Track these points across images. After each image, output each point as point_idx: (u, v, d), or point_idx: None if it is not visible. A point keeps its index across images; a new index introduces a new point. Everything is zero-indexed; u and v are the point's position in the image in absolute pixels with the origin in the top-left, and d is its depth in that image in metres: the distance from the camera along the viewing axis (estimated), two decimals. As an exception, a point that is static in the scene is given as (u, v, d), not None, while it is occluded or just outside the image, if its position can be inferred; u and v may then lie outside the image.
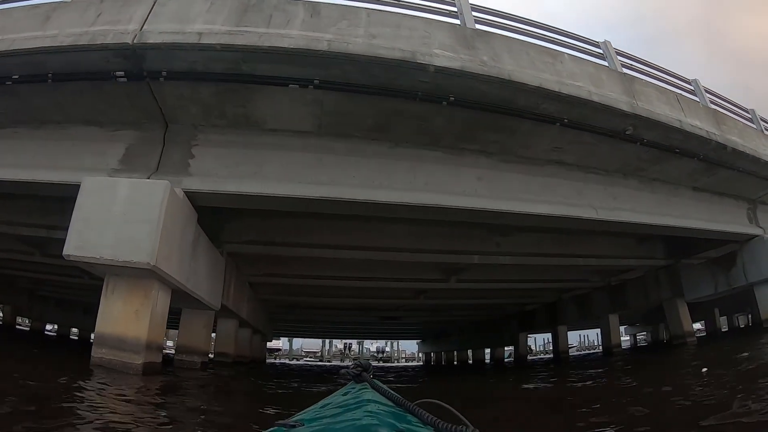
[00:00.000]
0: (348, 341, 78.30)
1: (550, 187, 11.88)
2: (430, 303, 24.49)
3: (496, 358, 34.97)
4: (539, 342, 68.10)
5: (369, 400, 1.81)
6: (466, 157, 11.09)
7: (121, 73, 8.67)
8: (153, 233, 8.05)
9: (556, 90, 9.65)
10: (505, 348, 36.33)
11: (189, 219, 9.71)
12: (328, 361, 69.76)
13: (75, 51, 8.37)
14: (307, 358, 75.36)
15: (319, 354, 79.08)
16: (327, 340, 77.87)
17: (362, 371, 2.37)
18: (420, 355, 67.07)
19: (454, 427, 1.41)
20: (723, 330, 29.27)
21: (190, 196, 9.58)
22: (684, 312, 19.23)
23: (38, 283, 25.08)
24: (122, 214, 8.28)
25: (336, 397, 2.22)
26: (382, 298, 23.36)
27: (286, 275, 18.14)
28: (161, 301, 8.84)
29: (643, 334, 55.51)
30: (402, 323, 34.80)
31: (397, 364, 63.83)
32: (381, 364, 61.94)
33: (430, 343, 52.61)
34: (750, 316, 32.54)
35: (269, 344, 70.95)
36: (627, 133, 11.10)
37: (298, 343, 79.89)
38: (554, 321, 26.85)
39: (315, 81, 8.70)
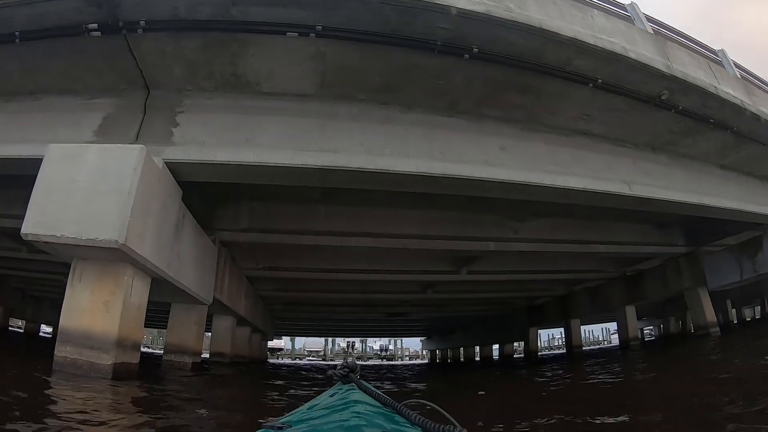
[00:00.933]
0: (351, 340, 76.75)
1: (580, 159, 10.61)
2: (437, 297, 23.02)
3: (505, 355, 33.43)
4: (543, 338, 66.62)
5: (356, 401, 1.80)
6: (486, 125, 9.70)
7: (95, 26, 7.21)
8: (123, 206, 6.57)
9: (591, 43, 8.38)
10: (515, 344, 35.01)
11: (171, 195, 8.24)
12: (331, 360, 68.34)
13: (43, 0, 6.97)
14: (310, 358, 73.64)
15: (321, 353, 77.43)
16: (330, 339, 76.23)
17: (349, 372, 2.29)
18: (424, 352, 65.49)
19: (441, 426, 1.39)
20: (734, 322, 27.77)
21: (173, 168, 8.13)
22: (706, 302, 17.93)
23: (29, 281, 23.62)
24: (89, 184, 6.80)
25: (323, 399, 2.14)
26: (388, 292, 21.91)
27: (286, 268, 16.70)
28: (137, 290, 7.37)
29: (650, 329, 54.57)
30: (407, 320, 33.29)
31: (400, 362, 62.37)
32: (384, 362, 60.71)
33: (435, 340, 50.99)
34: (761, 307, 31.69)
35: (270, 343, 69.93)
36: (662, 98, 9.92)
37: (301, 342, 78.31)
38: (566, 314, 25.42)
39: (317, 28, 7.24)
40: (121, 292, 6.84)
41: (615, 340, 58.17)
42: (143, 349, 11.40)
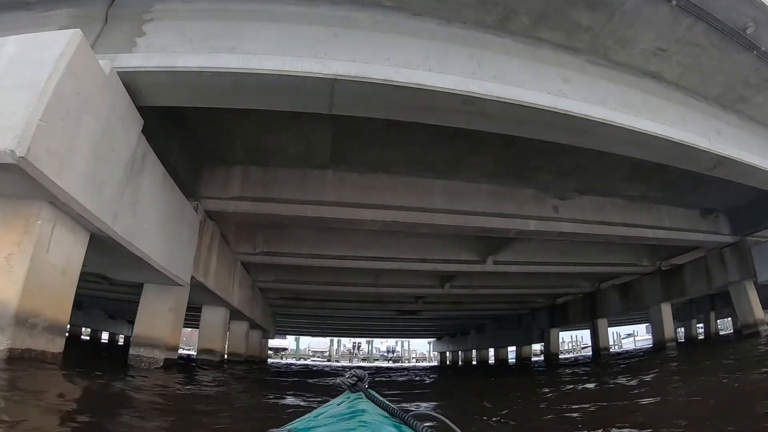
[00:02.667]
0: (356, 340, 74.16)
1: (652, 106, 8.41)
2: (455, 293, 20.52)
3: (522, 357, 30.70)
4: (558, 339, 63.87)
5: (364, 410, 1.74)
6: (544, 51, 7.33)
7: None
8: (32, 105, 4.17)
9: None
10: (533, 346, 32.47)
11: (123, 120, 5.83)
12: (336, 361, 65.78)
13: None
14: (315, 358, 71.03)
15: (326, 353, 74.85)
16: (335, 340, 73.62)
17: (357, 381, 2.19)
18: (434, 354, 62.59)
19: None
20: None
21: (130, 83, 5.81)
22: (754, 297, 15.80)
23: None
24: (-1, 79, 4.46)
25: (330, 407, 2.07)
26: (401, 286, 19.41)
27: (288, 254, 14.29)
28: (62, 246, 5.00)
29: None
30: (419, 319, 30.62)
31: (408, 364, 59.44)
32: (392, 364, 58.06)
33: (446, 341, 47.85)
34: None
35: (274, 343, 67.26)
36: (747, 32, 7.93)
37: (305, 342, 75.62)
38: (593, 314, 22.84)
39: None
40: (30, 244, 4.44)
41: (627, 344, 56.05)
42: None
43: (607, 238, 13.65)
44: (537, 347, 35.55)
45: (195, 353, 14.20)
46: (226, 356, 18.53)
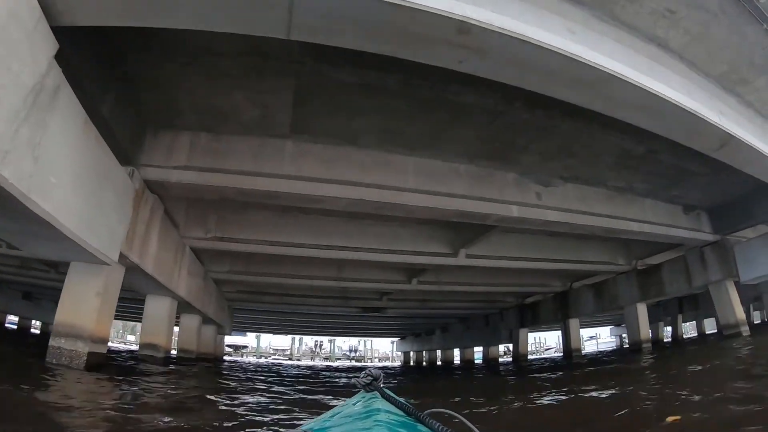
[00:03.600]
0: (319, 339, 72.59)
1: (657, 71, 7.35)
2: (423, 290, 19.40)
3: (490, 358, 29.79)
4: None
5: (379, 410, 1.74)
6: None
7: None
8: None
9: None
10: (500, 347, 31.68)
11: (27, 33, 4.36)
12: (298, 360, 64.19)
13: None
14: (276, 356, 69.35)
15: (288, 352, 73.11)
16: (297, 338, 71.90)
17: (372, 380, 2.22)
18: (397, 354, 61.39)
19: None
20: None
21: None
22: (735, 297, 15.56)
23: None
24: None
25: (346, 407, 2.10)
26: (366, 280, 18.19)
27: (243, 240, 12.90)
28: None
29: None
30: (383, 317, 29.38)
31: (371, 364, 58.14)
32: (354, 363, 56.84)
33: (411, 341, 46.84)
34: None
35: (234, 340, 65.34)
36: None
37: (267, 340, 73.70)
38: (565, 314, 22.08)
39: None
40: None
41: (590, 346, 56.01)
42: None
43: (591, 230, 12.73)
44: (504, 348, 34.91)
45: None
46: (175, 352, 17.19)
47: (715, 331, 31.89)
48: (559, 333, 64.62)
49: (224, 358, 29.29)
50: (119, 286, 8.59)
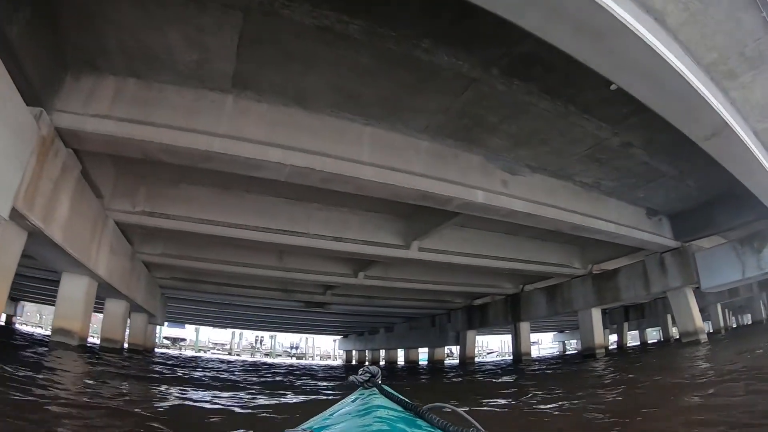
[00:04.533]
0: (259, 334, 70.26)
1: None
2: (369, 284, 18.14)
3: (435, 360, 28.79)
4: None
5: (378, 406, 1.71)
6: None
7: None
8: None
9: None
10: (446, 348, 30.81)
11: None
12: (237, 355, 61.95)
13: None
14: (215, 350, 66.40)
15: (228, 346, 70.45)
16: (238, 333, 69.31)
17: (371, 377, 2.14)
18: (339, 352, 59.71)
19: (464, 430, 1.38)
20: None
21: None
22: (694, 304, 15.32)
23: None
24: None
25: (345, 404, 2.02)
26: (310, 271, 16.76)
27: (176, 217, 11.26)
28: None
29: (573, 342, 53.21)
30: (326, 313, 27.88)
31: (312, 362, 56.44)
32: (295, 360, 55.13)
33: (353, 339, 45.33)
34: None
35: (172, 332, 62.57)
36: None
37: (207, 333, 70.62)
38: (516, 316, 21.30)
39: None
40: None
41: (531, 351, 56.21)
42: None
43: (556, 225, 11.80)
44: (448, 350, 34.15)
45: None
46: (98, 341, 15.38)
47: (660, 339, 32.45)
48: (502, 337, 65.44)
49: (156, 350, 27.16)
50: (17, 252, 6.98)
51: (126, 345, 17.74)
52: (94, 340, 18.06)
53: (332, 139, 8.22)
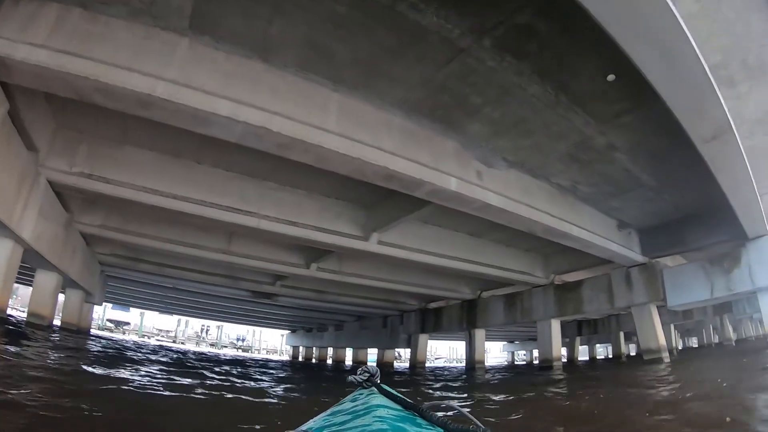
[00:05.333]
0: (206, 323, 67.86)
1: None
2: (322, 277, 17.01)
3: (384, 362, 27.69)
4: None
5: (378, 405, 1.69)
6: None
7: None
8: None
9: None
10: (396, 351, 29.91)
11: None
12: (182, 343, 59.62)
13: None
14: (159, 337, 63.44)
15: (173, 334, 67.80)
16: (183, 320, 66.72)
17: (370, 376, 2.10)
18: (286, 348, 57.92)
19: (464, 427, 1.39)
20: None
21: None
22: (658, 321, 14.93)
23: None
24: None
25: (345, 404, 1.96)
26: (260, 258, 15.55)
27: (118, 182, 9.84)
28: None
29: (522, 353, 53.51)
30: (275, 305, 26.58)
31: (257, 355, 54.56)
32: (241, 353, 53.35)
33: (301, 335, 43.86)
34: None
35: (114, 315, 59.73)
36: None
37: (152, 319, 67.57)
38: (471, 322, 20.54)
39: None
40: None
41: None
42: None
43: (530, 226, 11.00)
44: (397, 353, 33.29)
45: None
46: (24, 315, 13.76)
47: (607, 356, 32.53)
48: (451, 343, 65.17)
49: (96, 332, 25.20)
50: None
51: (59, 323, 16.36)
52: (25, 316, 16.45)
53: (295, 101, 7.13)
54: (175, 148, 10.03)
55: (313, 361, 38.92)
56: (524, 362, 52.06)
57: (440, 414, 1.52)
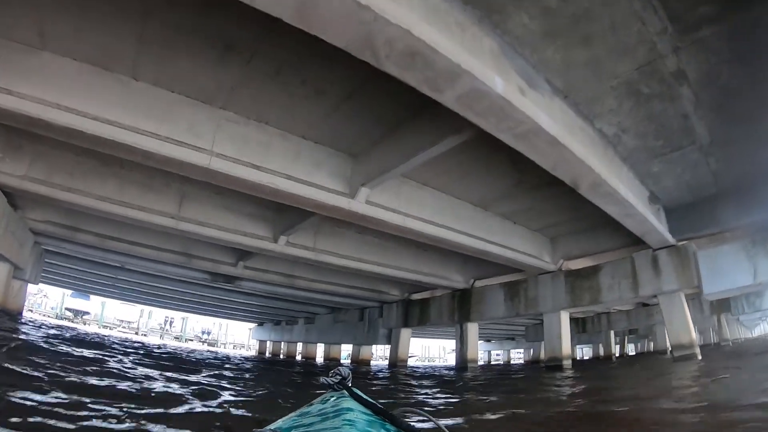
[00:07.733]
0: (170, 315, 64.18)
1: None
2: (293, 254, 14.07)
3: (360, 360, 24.70)
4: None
5: (348, 409, 1.67)
6: None
7: None
8: None
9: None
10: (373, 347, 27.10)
11: None
12: (144, 335, 56.02)
13: None
14: (121, 328, 59.85)
15: (135, 325, 63.96)
16: (147, 310, 62.91)
17: (341, 379, 2.04)
18: (253, 342, 54.42)
19: None
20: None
21: None
22: (688, 312, 12.61)
23: None
24: None
25: (314, 406, 1.91)
26: (217, 227, 12.40)
27: (32, 98, 6.81)
28: None
29: (500, 353, 51.88)
30: (239, 292, 23.49)
31: (223, 350, 51.03)
32: (206, 347, 49.87)
33: (269, 329, 40.26)
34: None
35: (73, 304, 55.50)
36: None
37: (113, 310, 63.42)
38: (464, 315, 17.82)
39: None
40: None
41: (452, 359, 54.07)
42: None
43: (576, 176, 8.31)
44: (374, 350, 30.54)
45: None
46: None
47: (592, 356, 30.42)
48: (423, 341, 62.89)
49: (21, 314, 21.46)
50: None
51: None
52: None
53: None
54: (107, 56, 7.10)
55: (281, 357, 35.62)
56: (501, 362, 50.49)
57: (411, 421, 1.51)
